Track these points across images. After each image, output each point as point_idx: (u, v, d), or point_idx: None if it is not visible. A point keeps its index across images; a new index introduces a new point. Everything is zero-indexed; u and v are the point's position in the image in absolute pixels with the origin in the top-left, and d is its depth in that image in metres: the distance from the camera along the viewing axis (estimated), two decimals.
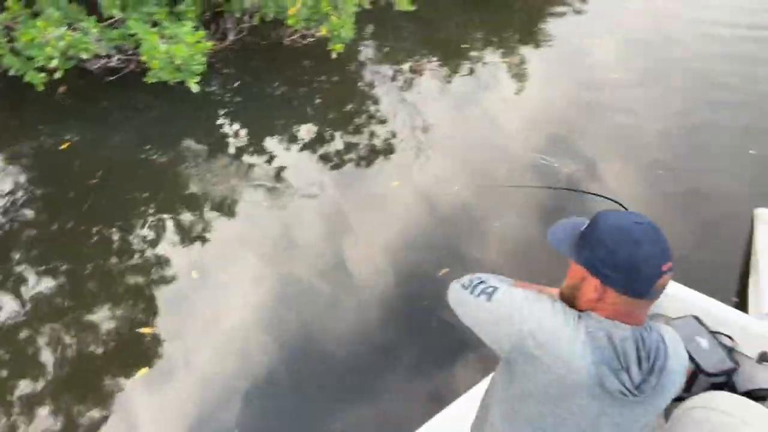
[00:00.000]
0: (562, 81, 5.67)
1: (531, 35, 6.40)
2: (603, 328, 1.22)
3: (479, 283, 1.37)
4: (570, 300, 1.31)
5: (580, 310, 1.28)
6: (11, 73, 4.17)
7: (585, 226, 1.30)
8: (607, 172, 4.50)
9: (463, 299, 1.39)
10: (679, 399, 2.18)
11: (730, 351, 2.29)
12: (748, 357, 2.25)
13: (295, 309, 3.48)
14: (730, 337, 2.30)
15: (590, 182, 4.39)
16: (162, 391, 3.08)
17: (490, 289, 1.33)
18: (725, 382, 2.24)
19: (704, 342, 2.28)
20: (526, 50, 6.13)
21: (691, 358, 2.22)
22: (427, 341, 3.33)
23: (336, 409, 3.00)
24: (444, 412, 2.30)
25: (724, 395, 1.59)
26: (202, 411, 3.00)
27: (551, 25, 6.60)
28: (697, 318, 2.36)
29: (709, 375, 2.20)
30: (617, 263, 1.20)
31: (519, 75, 5.76)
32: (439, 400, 2.73)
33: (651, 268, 1.20)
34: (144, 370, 3.14)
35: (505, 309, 1.29)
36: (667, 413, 2.07)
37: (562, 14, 6.83)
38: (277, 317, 3.43)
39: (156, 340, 3.29)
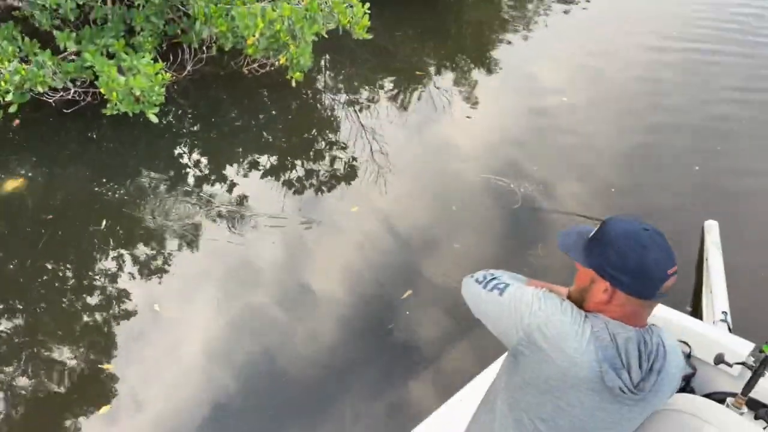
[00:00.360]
0: (513, 104, 5.84)
1: (483, 61, 6.59)
2: (608, 329, 1.29)
3: (492, 278, 1.45)
4: (578, 301, 1.38)
5: (588, 311, 1.35)
6: None
7: (593, 232, 1.38)
8: (561, 190, 4.64)
9: (476, 293, 1.46)
10: None
11: (688, 357, 2.39)
12: (705, 362, 2.35)
13: (257, 337, 3.47)
14: (687, 344, 2.40)
15: (545, 201, 4.51)
16: (125, 427, 3.01)
17: (503, 285, 1.41)
18: (684, 387, 2.33)
19: None
20: (478, 75, 6.31)
21: None
22: (390, 364, 3.35)
23: None
24: (434, 415, 2.34)
25: (687, 397, 1.67)
26: None
27: (502, 52, 6.81)
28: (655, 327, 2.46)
29: None
30: (627, 267, 1.27)
31: (472, 99, 5.91)
32: (404, 421, 2.76)
33: (658, 271, 1.28)
34: (106, 407, 3.06)
35: (516, 303, 1.36)
36: None
37: (511, 41, 7.07)
38: (240, 346, 3.40)
39: (117, 375, 3.23)
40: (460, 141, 5.26)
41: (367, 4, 5.09)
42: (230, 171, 4.70)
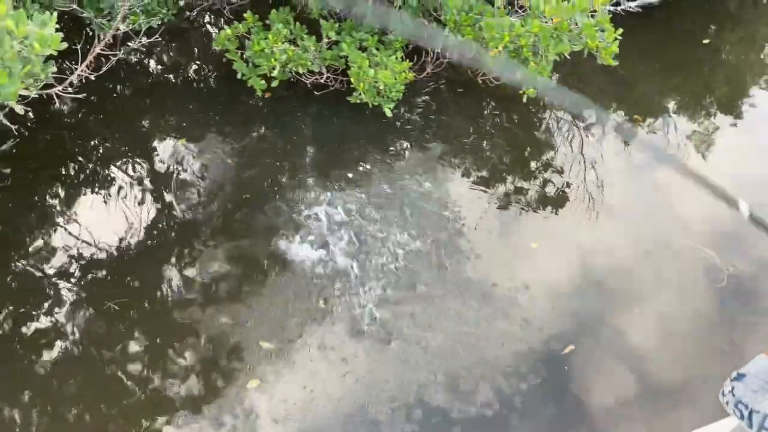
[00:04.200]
0: (753, 165, 5.19)
1: (731, 108, 5.96)
2: None
3: (764, 419, 1.51)
4: None
5: None
6: (238, 76, 4.68)
7: None
8: None
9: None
10: None
11: None
12: None
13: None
14: None
15: (756, 286, 3.98)
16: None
17: None
18: None
19: None
20: (720, 127, 5.68)
21: None
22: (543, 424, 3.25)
23: None
24: None
25: None
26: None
27: (757, 100, 6.09)
28: None
29: None
30: None
31: (707, 151, 5.38)
32: None
33: None
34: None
35: None
36: None
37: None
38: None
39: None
40: (678, 195, 4.80)
41: (620, 30, 4.88)
42: (441, 175, 4.85)
